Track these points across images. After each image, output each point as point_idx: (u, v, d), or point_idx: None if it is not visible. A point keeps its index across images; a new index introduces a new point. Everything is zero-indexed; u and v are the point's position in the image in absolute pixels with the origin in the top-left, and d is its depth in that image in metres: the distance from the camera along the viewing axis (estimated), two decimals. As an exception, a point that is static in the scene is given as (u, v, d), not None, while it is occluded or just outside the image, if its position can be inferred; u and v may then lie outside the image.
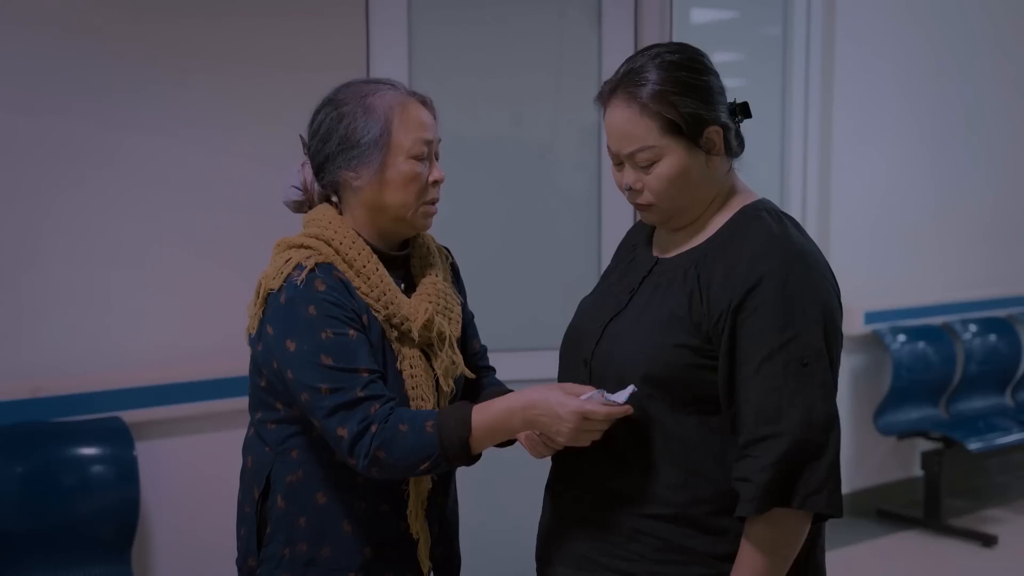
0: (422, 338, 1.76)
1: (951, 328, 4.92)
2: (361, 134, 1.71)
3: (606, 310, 1.73)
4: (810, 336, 1.56)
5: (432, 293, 1.79)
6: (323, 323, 1.64)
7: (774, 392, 1.55)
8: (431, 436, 1.61)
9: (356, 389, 1.62)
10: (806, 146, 4.51)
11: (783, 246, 1.60)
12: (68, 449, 2.80)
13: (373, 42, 3.12)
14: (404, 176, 1.72)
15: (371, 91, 1.74)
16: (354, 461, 1.62)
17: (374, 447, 1.60)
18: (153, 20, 2.86)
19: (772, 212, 1.68)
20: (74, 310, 2.82)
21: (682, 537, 1.62)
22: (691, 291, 1.62)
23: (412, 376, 1.73)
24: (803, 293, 1.57)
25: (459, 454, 1.62)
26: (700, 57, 1.68)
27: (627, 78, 1.66)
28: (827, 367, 1.57)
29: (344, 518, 1.73)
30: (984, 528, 4.48)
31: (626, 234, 1.93)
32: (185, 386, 2.92)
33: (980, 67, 4.98)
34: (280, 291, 1.68)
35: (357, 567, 1.74)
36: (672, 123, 1.62)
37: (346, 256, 1.71)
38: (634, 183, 1.67)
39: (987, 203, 5.10)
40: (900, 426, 4.64)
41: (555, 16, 3.33)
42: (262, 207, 1.91)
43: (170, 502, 2.94)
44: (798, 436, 1.53)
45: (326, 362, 1.63)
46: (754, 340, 1.56)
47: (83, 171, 2.82)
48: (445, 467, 1.65)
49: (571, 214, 3.36)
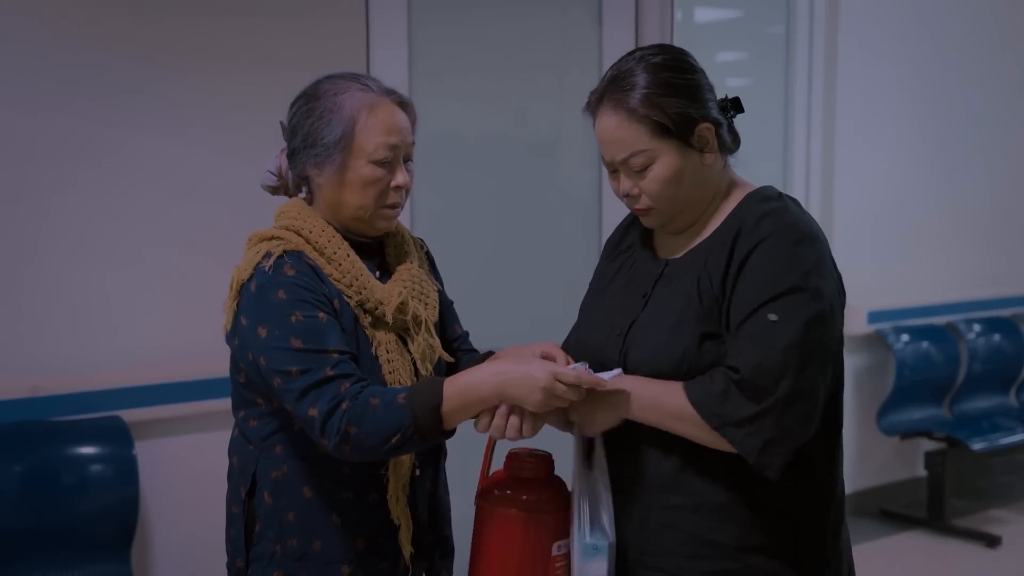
0: (397, 322, 1.76)
1: (955, 328, 4.91)
2: (325, 133, 1.72)
3: (621, 317, 1.72)
4: (788, 301, 1.55)
5: (407, 279, 1.80)
6: (292, 307, 1.65)
7: (740, 340, 1.56)
8: (402, 407, 1.59)
9: (326, 368, 1.61)
10: (809, 145, 4.51)
11: (782, 215, 1.62)
12: (67, 448, 2.80)
13: (373, 42, 3.12)
14: (363, 180, 1.72)
15: (343, 89, 1.74)
16: (326, 441, 1.60)
17: (344, 423, 1.58)
18: (153, 20, 2.86)
19: (773, 194, 1.69)
20: (74, 309, 2.82)
21: (707, 530, 1.63)
22: (699, 279, 1.63)
23: (389, 361, 1.73)
24: (791, 260, 1.57)
25: (431, 426, 1.59)
26: (683, 56, 1.69)
27: (612, 84, 1.66)
28: (799, 326, 1.54)
29: (332, 510, 1.73)
30: (988, 528, 4.47)
31: (612, 235, 1.91)
32: (185, 385, 2.91)
33: (983, 65, 4.96)
34: (250, 280, 1.69)
35: (350, 559, 1.74)
36: (661, 125, 1.62)
37: (316, 244, 1.72)
38: (630, 189, 1.67)
39: (991, 202, 5.09)
40: (903, 426, 4.63)
41: (556, 15, 3.33)
42: (261, 207, 1.91)
43: (169, 501, 2.94)
44: (745, 376, 1.54)
45: (296, 345, 1.63)
46: (737, 306, 1.58)
47: (82, 170, 2.82)
48: (418, 442, 1.61)
49: (572, 213, 3.36)
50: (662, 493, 1.65)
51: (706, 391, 1.57)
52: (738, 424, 1.54)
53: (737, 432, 1.55)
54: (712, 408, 1.55)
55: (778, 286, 1.56)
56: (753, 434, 1.54)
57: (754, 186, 1.73)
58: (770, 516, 1.63)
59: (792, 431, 1.55)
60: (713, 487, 1.63)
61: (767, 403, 1.53)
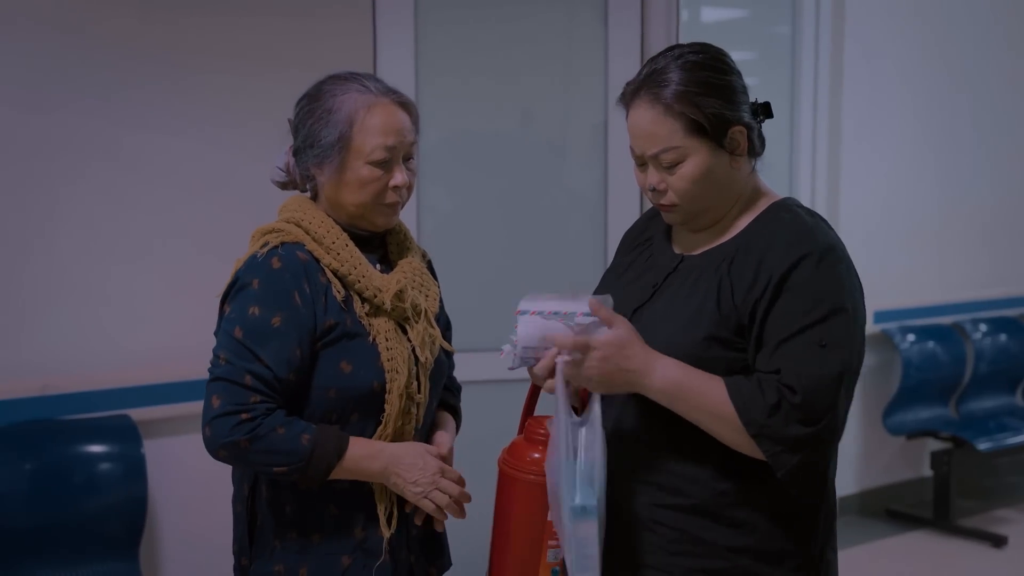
0: (396, 310, 1.78)
1: (961, 327, 4.91)
2: (323, 134, 1.75)
3: (626, 303, 1.73)
4: (835, 323, 1.57)
5: (408, 271, 1.84)
6: (257, 299, 1.70)
7: (790, 359, 1.56)
8: (304, 448, 1.66)
9: (245, 375, 1.66)
10: (815, 145, 4.51)
11: (817, 235, 1.62)
12: (76, 447, 2.81)
13: (380, 41, 3.13)
14: (361, 180, 1.76)
15: (342, 90, 1.77)
16: (209, 432, 1.67)
17: (241, 435, 1.64)
18: (160, 19, 2.88)
19: (803, 208, 1.70)
20: (82, 308, 2.83)
21: (699, 528, 1.63)
22: (720, 284, 1.63)
23: (387, 348, 1.75)
24: (833, 281, 1.59)
25: (317, 475, 1.68)
26: (723, 57, 1.68)
27: (650, 79, 1.65)
28: (844, 352, 1.57)
29: (329, 501, 1.75)
30: (994, 528, 4.47)
31: (631, 229, 1.91)
32: (193, 384, 2.91)
33: (987, 65, 4.96)
34: (243, 267, 1.75)
35: (350, 550, 1.76)
36: (696, 123, 1.61)
37: (315, 234, 1.76)
38: (658, 184, 1.66)
39: (997, 202, 5.08)
40: (909, 426, 4.63)
41: (562, 15, 3.33)
42: (269, 205, 1.93)
43: (178, 500, 2.95)
44: (802, 400, 1.54)
45: (237, 335, 1.68)
46: (780, 321, 1.57)
47: (91, 169, 2.83)
48: (294, 479, 1.69)
49: (578, 213, 3.37)
50: (657, 491, 1.65)
51: (753, 398, 1.56)
52: (779, 440, 1.55)
53: (774, 446, 1.55)
54: (753, 415, 1.55)
55: (822, 308, 1.56)
56: (790, 452, 1.55)
57: (778, 196, 1.73)
58: (763, 519, 1.63)
59: (824, 456, 1.60)
60: (709, 489, 1.63)
61: (816, 428, 1.55)
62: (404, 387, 1.75)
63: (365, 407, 1.74)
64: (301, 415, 1.72)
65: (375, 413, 1.75)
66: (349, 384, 1.72)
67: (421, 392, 1.80)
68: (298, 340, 1.69)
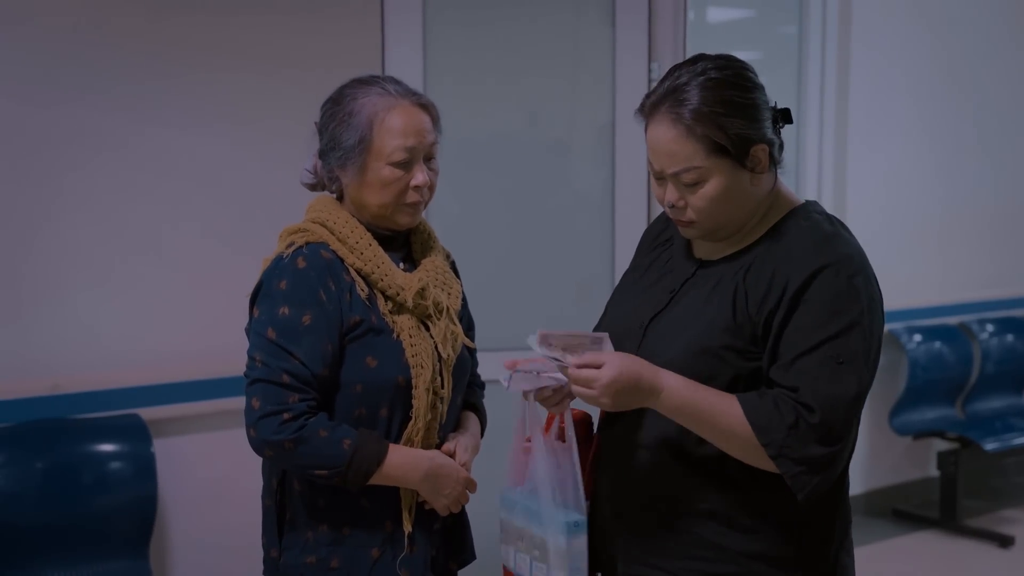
0: (419, 308, 1.82)
1: (967, 328, 4.90)
2: (345, 137, 1.80)
3: (643, 309, 1.72)
4: (852, 337, 1.56)
5: (430, 270, 1.88)
6: (285, 299, 1.74)
7: (807, 375, 1.55)
8: (344, 453, 1.71)
9: (282, 373, 1.70)
10: (821, 144, 4.51)
11: (836, 245, 1.60)
12: (87, 446, 2.82)
13: (388, 42, 3.14)
14: (382, 180, 1.80)
15: (363, 93, 1.81)
16: (254, 434, 1.71)
17: (286, 437, 1.68)
18: (168, 17, 2.89)
19: (823, 214, 1.67)
20: (92, 307, 2.85)
21: (715, 534, 1.63)
22: (735, 293, 1.61)
23: (412, 345, 1.79)
24: (850, 293, 1.57)
25: (357, 479, 1.73)
26: (746, 72, 1.64)
27: (672, 96, 1.60)
28: (861, 370, 1.57)
29: (361, 495, 1.79)
30: (1001, 529, 4.47)
31: (651, 227, 1.89)
32: (203, 383, 2.94)
33: (993, 67, 4.95)
34: (269, 268, 1.79)
35: (380, 542, 1.80)
36: (719, 145, 1.58)
37: (339, 234, 1.80)
38: (676, 201, 1.63)
39: (1003, 202, 5.08)
40: (916, 426, 4.63)
41: (570, 16, 3.34)
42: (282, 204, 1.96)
43: (188, 498, 2.96)
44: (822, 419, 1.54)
45: (270, 335, 1.72)
46: (796, 335, 1.56)
47: (103, 169, 2.85)
48: (334, 483, 1.74)
49: (585, 214, 3.37)
50: (670, 499, 1.66)
51: (771, 419, 1.54)
52: (799, 460, 1.54)
53: (795, 467, 1.55)
54: (773, 436, 1.54)
55: (839, 322, 1.55)
56: (810, 473, 1.55)
57: (798, 200, 1.70)
58: (776, 525, 1.63)
59: (837, 471, 1.60)
60: (724, 496, 1.63)
61: (834, 448, 1.55)
62: (430, 382, 1.79)
63: (392, 402, 1.79)
64: (331, 411, 1.76)
65: (403, 408, 1.80)
66: (375, 379, 1.77)
67: (445, 388, 1.84)
68: (328, 336, 1.74)
